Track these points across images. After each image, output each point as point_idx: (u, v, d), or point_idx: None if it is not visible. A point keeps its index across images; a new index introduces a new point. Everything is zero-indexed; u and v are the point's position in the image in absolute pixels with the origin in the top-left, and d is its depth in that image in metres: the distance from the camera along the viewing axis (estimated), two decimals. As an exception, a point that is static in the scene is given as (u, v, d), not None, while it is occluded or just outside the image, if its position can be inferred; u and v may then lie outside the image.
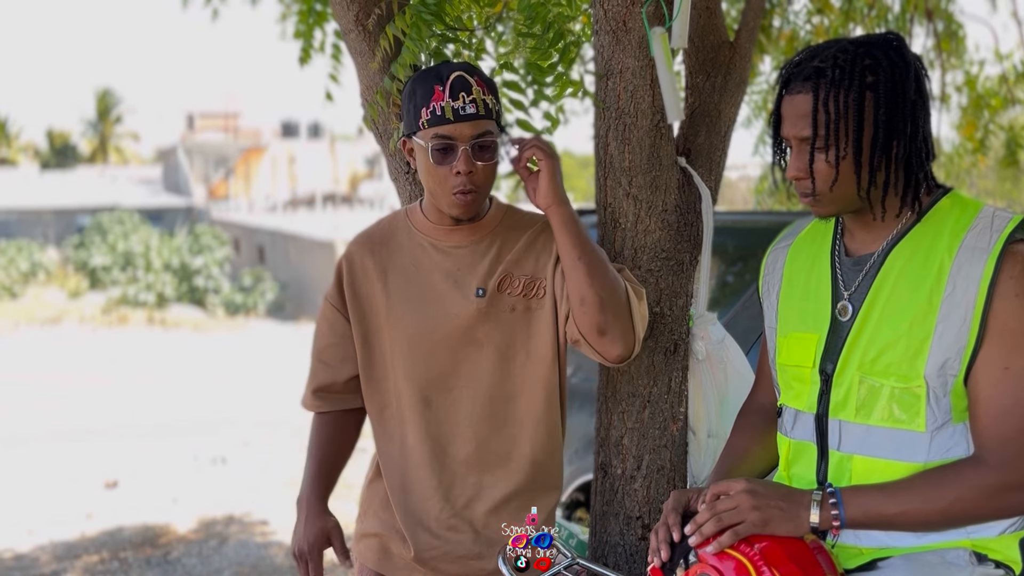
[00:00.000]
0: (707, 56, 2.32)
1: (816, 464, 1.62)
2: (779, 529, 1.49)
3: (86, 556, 5.40)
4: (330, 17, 3.09)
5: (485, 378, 1.97)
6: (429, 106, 1.86)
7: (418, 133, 1.90)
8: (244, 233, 33.76)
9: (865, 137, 1.51)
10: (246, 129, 49.47)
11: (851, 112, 1.50)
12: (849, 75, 1.50)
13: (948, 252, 1.50)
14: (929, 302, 1.50)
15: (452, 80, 1.87)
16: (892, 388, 1.52)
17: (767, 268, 1.82)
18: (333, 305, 2.06)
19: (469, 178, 1.88)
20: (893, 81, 1.50)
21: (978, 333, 1.47)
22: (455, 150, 1.86)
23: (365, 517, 2.11)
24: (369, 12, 2.24)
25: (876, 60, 1.51)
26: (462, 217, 1.95)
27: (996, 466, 1.45)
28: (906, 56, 1.53)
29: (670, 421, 2.26)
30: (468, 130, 1.86)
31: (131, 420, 9.85)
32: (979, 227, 1.51)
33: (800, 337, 1.66)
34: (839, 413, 1.59)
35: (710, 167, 2.32)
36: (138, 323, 22.30)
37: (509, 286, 1.97)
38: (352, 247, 2.08)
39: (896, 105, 1.50)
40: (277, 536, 5.71)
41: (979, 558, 1.52)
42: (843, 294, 1.61)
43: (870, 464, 1.55)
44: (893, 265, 1.56)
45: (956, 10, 4.09)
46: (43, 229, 38.29)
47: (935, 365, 1.49)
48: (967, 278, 1.47)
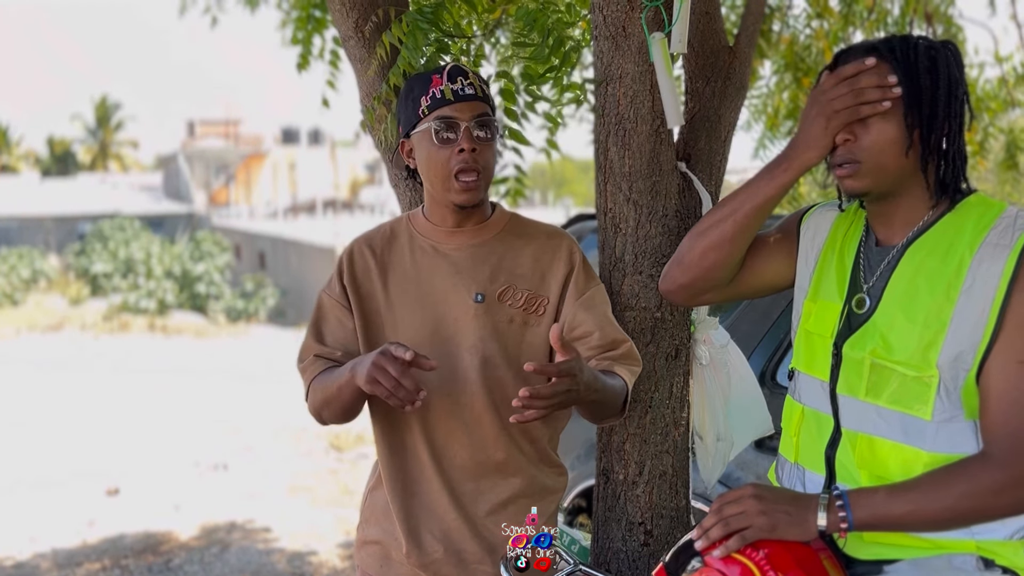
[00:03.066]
0: (707, 61, 2.32)
1: (828, 438, 1.62)
2: (786, 534, 1.48)
3: (87, 563, 5.39)
4: (329, 24, 3.10)
5: (479, 385, 1.97)
6: (428, 93, 1.90)
7: (418, 124, 1.91)
8: (245, 239, 33.80)
9: (925, 115, 1.53)
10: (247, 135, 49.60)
11: (916, 83, 1.52)
12: (914, 53, 1.54)
13: (969, 248, 1.52)
14: (947, 295, 1.50)
15: (449, 69, 1.93)
16: (903, 375, 1.52)
17: (808, 230, 1.80)
18: (337, 301, 2.03)
19: (472, 156, 1.89)
20: (949, 73, 1.55)
21: (994, 328, 1.47)
22: (457, 129, 1.89)
23: (367, 525, 2.11)
24: (368, 19, 2.24)
25: (936, 50, 1.55)
26: (467, 204, 1.94)
27: (1004, 461, 1.44)
28: (960, 60, 1.58)
29: (672, 426, 2.26)
30: (468, 110, 1.90)
31: (132, 427, 9.84)
32: (1002, 225, 1.52)
33: (826, 306, 1.67)
34: (846, 389, 1.59)
35: (711, 172, 2.32)
36: (139, 330, 22.29)
37: (511, 297, 1.97)
38: (354, 245, 2.07)
39: (951, 95, 1.54)
40: (279, 543, 5.70)
41: (986, 563, 1.52)
42: (863, 286, 1.62)
43: (875, 444, 1.55)
44: (913, 257, 1.57)
45: (955, 13, 4.09)
46: (44, 236, 38.34)
47: (948, 357, 1.49)
48: (987, 273, 1.48)
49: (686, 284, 1.79)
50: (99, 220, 32.20)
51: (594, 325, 1.97)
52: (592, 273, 2.03)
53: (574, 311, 1.99)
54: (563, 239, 2.04)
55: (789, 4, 3.79)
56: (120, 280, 27.47)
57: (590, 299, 2.00)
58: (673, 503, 2.28)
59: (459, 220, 1.99)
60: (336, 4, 2.28)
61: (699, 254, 1.74)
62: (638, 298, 2.21)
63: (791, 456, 1.70)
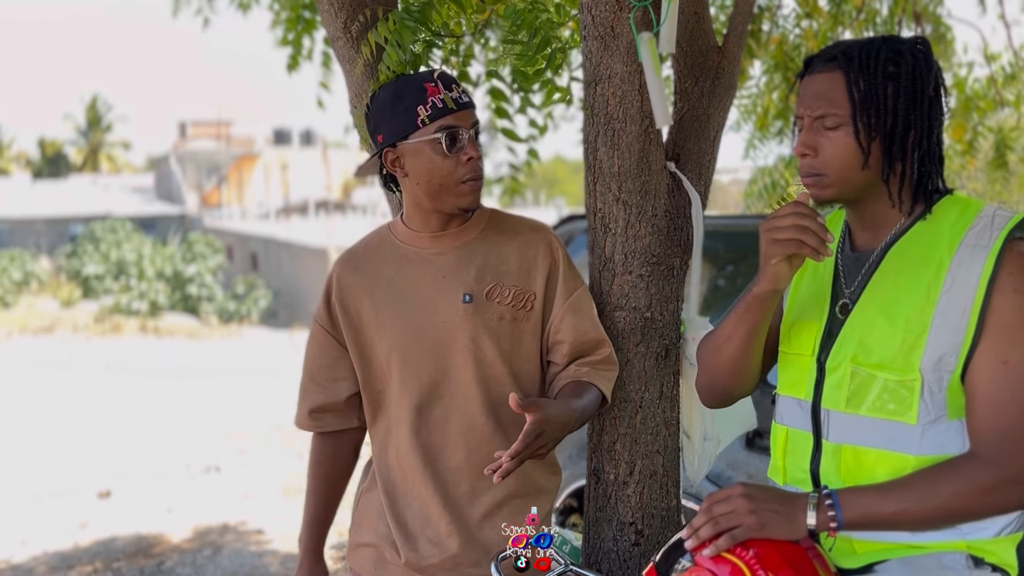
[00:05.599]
0: (695, 61, 2.32)
1: (810, 454, 1.62)
2: (776, 533, 1.48)
3: (80, 566, 5.37)
4: (319, 25, 3.09)
5: (473, 385, 1.97)
6: (427, 102, 1.89)
7: (416, 132, 1.90)
8: (237, 241, 33.73)
9: (887, 123, 1.53)
10: (238, 137, 49.50)
11: (874, 94, 1.52)
12: (874, 60, 1.53)
13: (948, 249, 1.51)
14: (927, 297, 1.50)
15: (439, 76, 1.93)
16: (885, 380, 1.52)
17: None
18: (323, 327, 2.07)
19: (478, 164, 1.93)
20: (913, 76, 1.53)
21: (976, 329, 1.47)
22: (462, 138, 1.91)
23: (360, 527, 2.11)
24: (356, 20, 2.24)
25: (899, 54, 1.54)
26: (470, 207, 1.96)
27: (993, 461, 1.45)
28: (929, 58, 1.56)
29: (662, 426, 2.26)
30: (468, 118, 1.92)
31: (124, 429, 9.81)
32: (980, 225, 1.52)
33: (803, 325, 1.67)
34: (830, 403, 1.59)
35: (699, 171, 2.32)
36: (131, 331, 22.25)
37: (499, 295, 1.98)
38: (338, 267, 2.08)
39: (915, 99, 1.53)
40: (272, 545, 5.69)
41: (976, 562, 1.52)
42: (844, 291, 1.62)
43: (860, 454, 1.55)
44: (892, 261, 1.57)
45: (944, 13, 4.10)
46: (36, 238, 38.22)
47: (931, 359, 1.49)
48: (966, 274, 1.48)
49: (724, 399, 1.83)
50: (90, 222, 32.13)
51: (579, 330, 2.01)
52: (575, 270, 2.06)
53: (562, 314, 2.01)
54: (545, 233, 2.06)
55: (778, 4, 3.79)
56: (112, 282, 27.41)
57: (577, 301, 2.02)
58: (664, 503, 2.28)
59: (442, 224, 2.00)
60: (324, 5, 2.28)
61: (725, 375, 1.76)
62: (628, 298, 2.21)
63: (779, 479, 1.70)
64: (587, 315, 2.03)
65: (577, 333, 2.01)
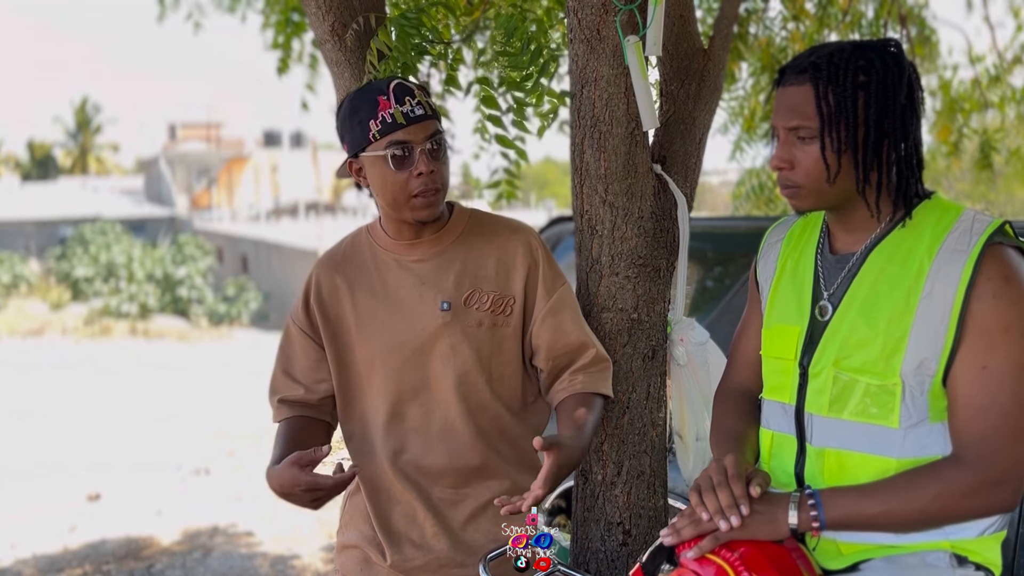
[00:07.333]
0: (681, 64, 2.33)
1: (795, 458, 1.63)
2: (758, 532, 1.50)
3: (69, 569, 5.36)
4: (307, 28, 3.10)
5: (454, 391, 1.97)
6: (377, 116, 1.86)
7: (369, 147, 1.89)
8: (227, 243, 33.64)
9: (858, 135, 1.53)
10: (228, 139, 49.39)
11: (844, 107, 1.52)
12: (843, 71, 1.53)
13: (928, 254, 1.52)
14: (907, 302, 1.51)
15: (394, 88, 1.88)
16: (867, 384, 1.53)
17: (762, 258, 1.83)
18: (302, 329, 2.05)
19: (431, 178, 1.88)
20: (884, 83, 1.53)
21: (956, 334, 1.48)
22: (412, 153, 1.87)
23: (347, 529, 2.12)
24: (345, 22, 2.24)
25: (870, 61, 1.53)
26: (427, 219, 1.94)
27: (974, 464, 1.46)
28: (901, 62, 1.55)
29: (649, 427, 2.27)
30: (421, 132, 1.88)
31: (114, 431, 9.79)
32: (959, 230, 1.52)
33: (783, 329, 1.68)
34: (813, 407, 1.60)
35: (685, 173, 2.33)
36: (121, 334, 22.17)
37: (477, 301, 1.97)
38: (317, 269, 2.07)
39: (886, 107, 1.53)
40: (262, 547, 5.69)
41: (959, 560, 1.53)
42: (824, 294, 1.63)
43: (844, 457, 1.56)
44: (873, 265, 1.57)
45: (929, 15, 4.13)
46: (25, 241, 38.05)
47: (912, 364, 1.50)
48: (945, 279, 1.49)
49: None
50: (80, 224, 32.01)
51: (560, 331, 2.00)
52: (557, 270, 2.04)
53: (543, 316, 2.00)
54: (524, 234, 2.04)
55: (765, 7, 3.81)
56: (101, 284, 27.30)
57: (558, 302, 2.01)
58: (651, 503, 2.29)
59: (417, 231, 1.99)
60: (312, 8, 2.29)
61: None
62: (615, 299, 2.23)
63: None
64: (569, 315, 2.01)
65: (558, 335, 1.99)
